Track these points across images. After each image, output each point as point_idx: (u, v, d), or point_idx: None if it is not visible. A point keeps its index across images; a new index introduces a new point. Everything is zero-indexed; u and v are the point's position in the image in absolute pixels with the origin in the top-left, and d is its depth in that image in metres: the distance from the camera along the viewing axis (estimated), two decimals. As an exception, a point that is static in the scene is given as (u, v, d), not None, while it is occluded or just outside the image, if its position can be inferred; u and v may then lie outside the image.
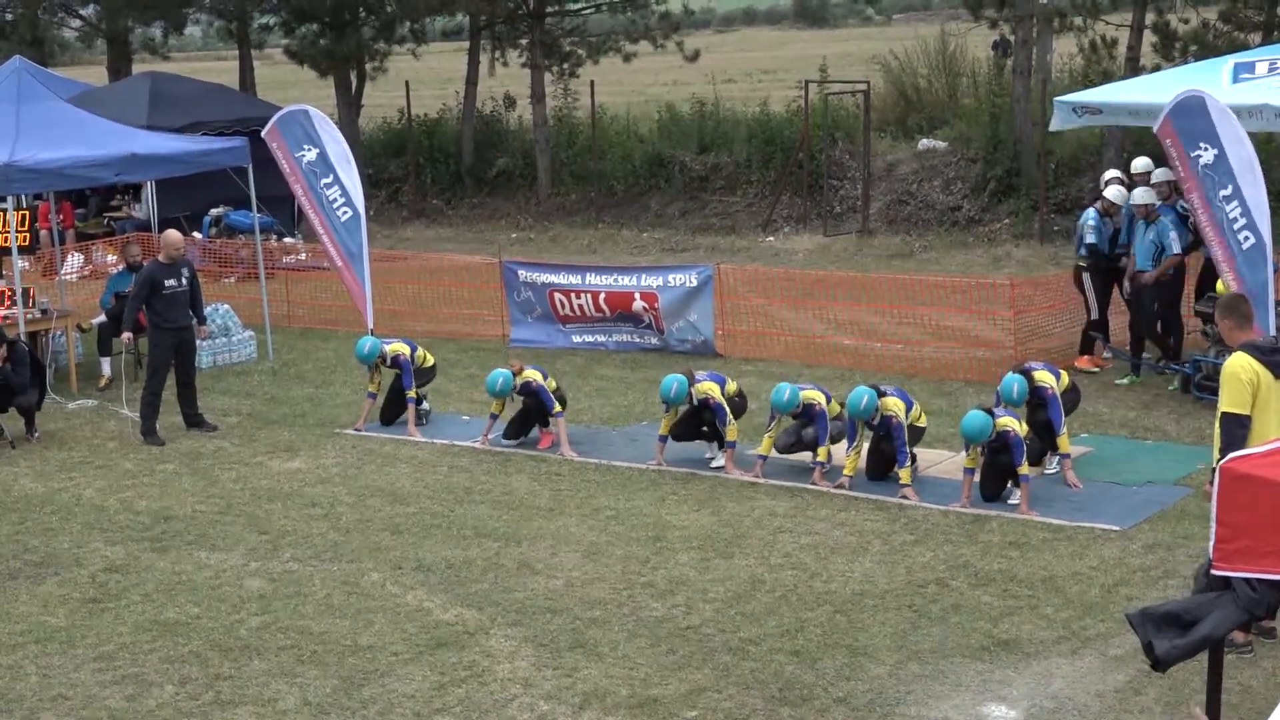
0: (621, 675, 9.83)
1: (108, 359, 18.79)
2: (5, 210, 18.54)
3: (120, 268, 20.14)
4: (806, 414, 14.09)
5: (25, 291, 18.38)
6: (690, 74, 41.59)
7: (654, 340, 19.50)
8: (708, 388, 14.36)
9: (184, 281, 16.32)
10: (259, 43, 38.72)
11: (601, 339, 19.94)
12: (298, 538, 12.82)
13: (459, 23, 37.53)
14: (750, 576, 11.59)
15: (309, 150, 18.45)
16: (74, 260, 22.26)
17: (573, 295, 19.99)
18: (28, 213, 20.21)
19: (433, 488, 14.18)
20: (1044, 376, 13.63)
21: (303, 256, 26.38)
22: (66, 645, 10.68)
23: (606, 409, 17.09)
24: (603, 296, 19.77)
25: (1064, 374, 14.15)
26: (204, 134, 24.93)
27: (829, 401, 14.17)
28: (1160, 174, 17.35)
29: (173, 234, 16.99)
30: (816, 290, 21.38)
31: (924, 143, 31.03)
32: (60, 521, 13.50)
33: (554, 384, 15.67)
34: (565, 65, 34.00)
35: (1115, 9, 29.37)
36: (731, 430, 14.32)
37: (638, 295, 19.54)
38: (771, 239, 29.49)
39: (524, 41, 34.02)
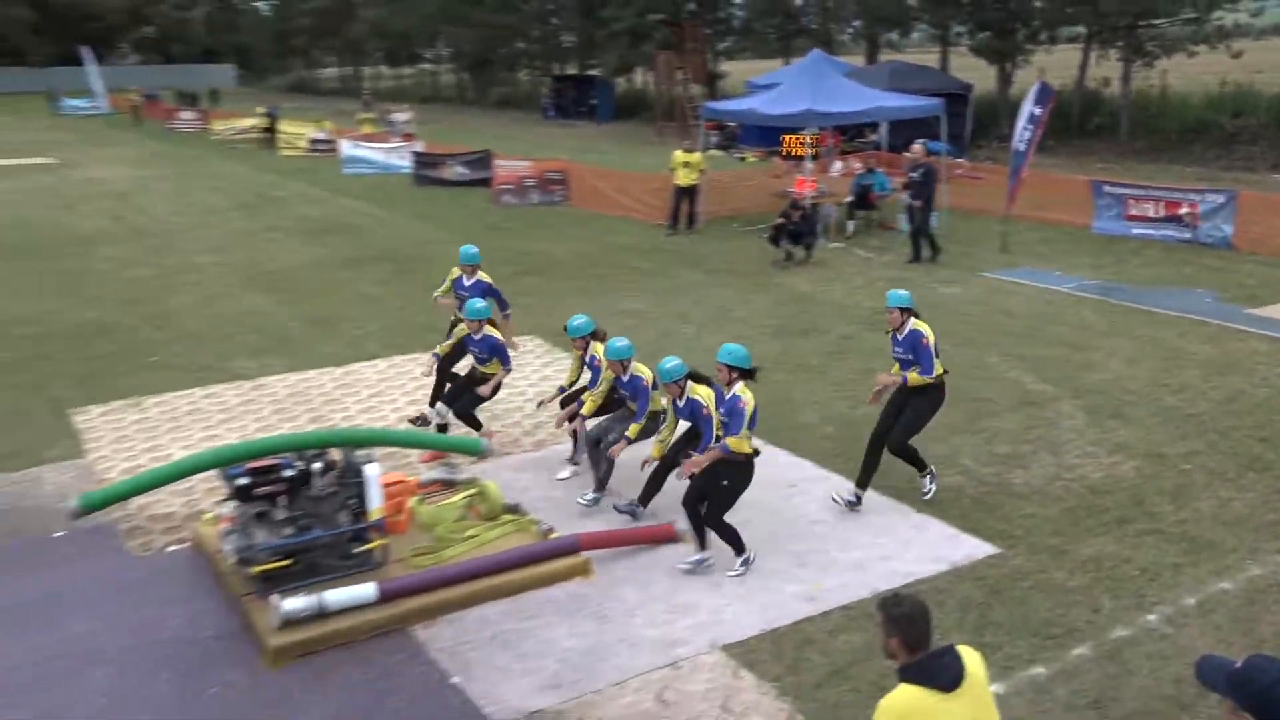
0: (1142, 437, 9.61)
1: (852, 222, 19.48)
2: (806, 134, 19.47)
3: (860, 171, 20.66)
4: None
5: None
6: (1233, 67, 36.94)
7: (1187, 235, 18.02)
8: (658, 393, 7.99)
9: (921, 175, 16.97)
10: (953, 41, 37.84)
11: (1151, 232, 18.59)
12: (951, 332, 12.63)
13: (1077, 31, 35.24)
14: (1237, 388, 10.83)
15: None
16: (837, 166, 23.01)
17: (1142, 202, 18.81)
18: (816, 137, 21.07)
19: (1033, 311, 13.97)
20: None
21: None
22: (820, 373, 11.41)
23: (1146, 275, 16.02)
24: (1161, 204, 18.48)
25: None
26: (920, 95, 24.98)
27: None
28: None
29: (916, 146, 17.48)
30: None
31: None
32: (818, 309, 14.26)
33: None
34: (1145, 59, 31.41)
35: None
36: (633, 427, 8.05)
37: (1185, 205, 18.12)
38: (1278, 176, 26.06)
39: (1120, 44, 31.55)
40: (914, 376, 7.94)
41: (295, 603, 6.45)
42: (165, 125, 46.69)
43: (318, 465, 7.09)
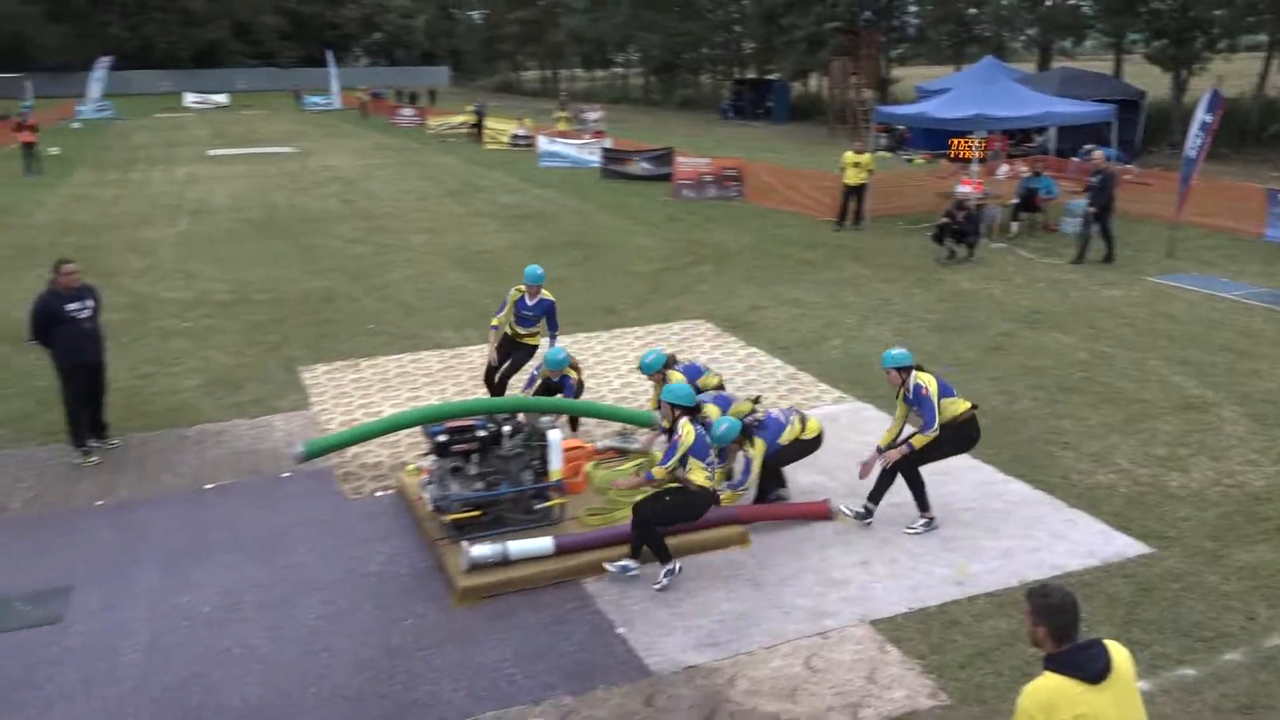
0: (1308, 445, 8.87)
1: (1016, 223, 18.60)
2: (974, 137, 18.69)
3: (1026, 175, 19.70)
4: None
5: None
6: None
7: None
8: (704, 417, 7.04)
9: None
10: (1128, 48, 35.64)
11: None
12: (1111, 334, 12.28)
13: (1259, 40, 32.58)
14: None
15: None
16: (1003, 169, 22.03)
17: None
18: (984, 141, 20.19)
19: (1197, 316, 13.03)
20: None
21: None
22: (977, 368, 10.93)
23: (1326, 289, 14.71)
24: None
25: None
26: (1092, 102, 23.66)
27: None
28: None
29: (1097, 153, 16.57)
30: None
31: None
32: (978, 305, 13.64)
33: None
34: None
35: None
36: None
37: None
38: None
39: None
40: (917, 439, 7.04)
41: (482, 550, 6.66)
42: (388, 120, 48.80)
43: (507, 428, 7.28)
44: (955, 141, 21.27)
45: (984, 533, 7.34)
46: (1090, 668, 3.55)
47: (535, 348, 9.33)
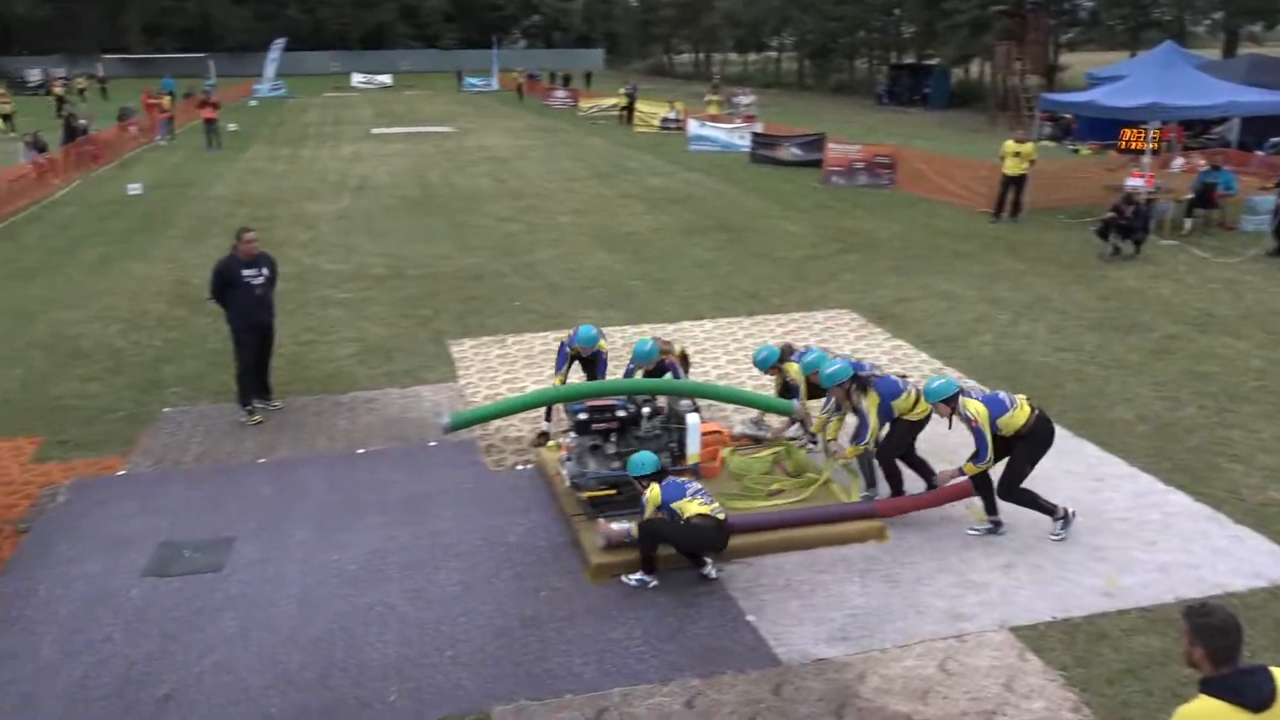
0: None
1: (1190, 220, 17.49)
2: (1148, 128, 17.67)
3: (1204, 169, 18.50)
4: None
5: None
6: None
7: None
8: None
9: None
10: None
11: None
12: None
13: None
14: None
15: None
16: (1178, 162, 20.74)
17: None
18: (1158, 131, 19.09)
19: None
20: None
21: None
22: (1139, 371, 10.44)
23: None
24: None
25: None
26: None
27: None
28: None
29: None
30: None
31: None
32: (1143, 305, 12.87)
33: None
34: None
35: None
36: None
37: None
38: None
39: None
40: (969, 466, 6.79)
41: (617, 527, 6.73)
42: (542, 102, 49.72)
43: (647, 409, 7.33)
44: (1126, 132, 20.18)
45: (1139, 544, 6.98)
46: (1253, 695, 3.35)
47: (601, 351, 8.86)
